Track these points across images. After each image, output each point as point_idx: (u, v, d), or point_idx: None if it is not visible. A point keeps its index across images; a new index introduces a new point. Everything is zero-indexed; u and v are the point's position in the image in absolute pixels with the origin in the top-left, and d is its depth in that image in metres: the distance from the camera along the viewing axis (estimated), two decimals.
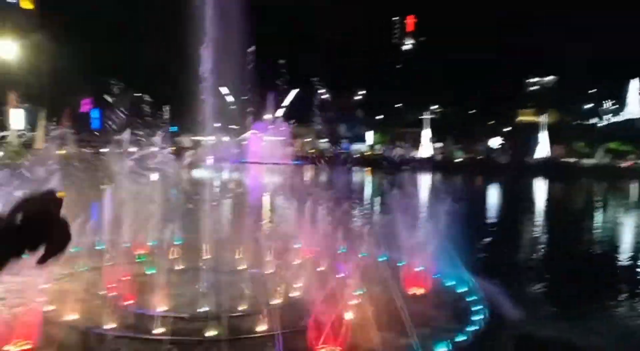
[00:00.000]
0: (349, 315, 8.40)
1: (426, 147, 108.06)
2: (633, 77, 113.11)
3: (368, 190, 46.08)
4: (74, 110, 68.04)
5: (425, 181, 59.65)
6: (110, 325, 8.23)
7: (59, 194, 2.75)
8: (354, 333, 8.10)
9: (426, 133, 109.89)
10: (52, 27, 63.51)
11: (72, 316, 8.64)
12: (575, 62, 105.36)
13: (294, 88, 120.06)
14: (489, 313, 9.70)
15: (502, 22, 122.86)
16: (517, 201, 42.91)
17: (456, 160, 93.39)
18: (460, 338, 8.46)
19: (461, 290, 11.10)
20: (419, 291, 11.05)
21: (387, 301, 10.20)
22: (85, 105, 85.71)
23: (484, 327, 9.12)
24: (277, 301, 10.00)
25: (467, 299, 10.48)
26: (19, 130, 48.72)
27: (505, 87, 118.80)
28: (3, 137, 40.83)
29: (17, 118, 52.17)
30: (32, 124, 52.82)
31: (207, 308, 8.90)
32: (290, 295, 10.36)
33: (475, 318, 9.47)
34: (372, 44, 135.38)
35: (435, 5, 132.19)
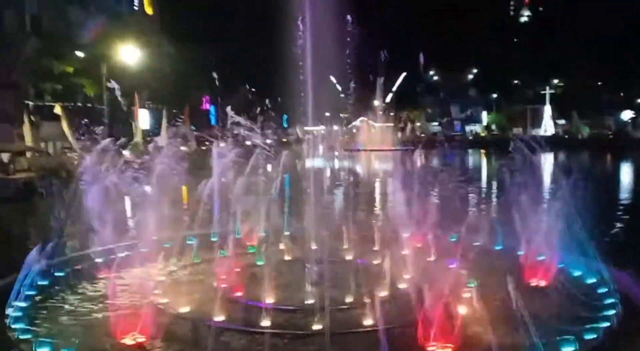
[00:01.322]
0: (461, 310, 7.85)
1: (548, 125, 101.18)
2: None
3: (483, 174, 44.10)
4: (194, 108, 72.01)
5: (547, 161, 55.82)
6: (220, 317, 8.37)
7: None
8: (468, 329, 7.56)
9: (547, 110, 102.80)
10: (170, 30, 67.59)
11: (184, 308, 8.92)
12: None
13: (403, 72, 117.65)
14: (623, 307, 8.62)
15: None
16: None
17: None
18: (590, 336, 7.58)
19: (591, 281, 10.03)
20: (541, 282, 10.14)
21: (504, 295, 9.46)
22: (206, 103, 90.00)
23: (617, 324, 8.12)
24: (384, 293, 9.67)
25: (598, 291, 9.42)
26: (144, 130, 52.37)
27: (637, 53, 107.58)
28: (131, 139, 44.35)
29: (143, 118, 56.13)
30: (157, 124, 56.69)
31: (313, 301, 8.77)
32: (399, 287, 9.97)
33: (607, 313, 8.47)
34: (485, 18, 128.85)
35: None
